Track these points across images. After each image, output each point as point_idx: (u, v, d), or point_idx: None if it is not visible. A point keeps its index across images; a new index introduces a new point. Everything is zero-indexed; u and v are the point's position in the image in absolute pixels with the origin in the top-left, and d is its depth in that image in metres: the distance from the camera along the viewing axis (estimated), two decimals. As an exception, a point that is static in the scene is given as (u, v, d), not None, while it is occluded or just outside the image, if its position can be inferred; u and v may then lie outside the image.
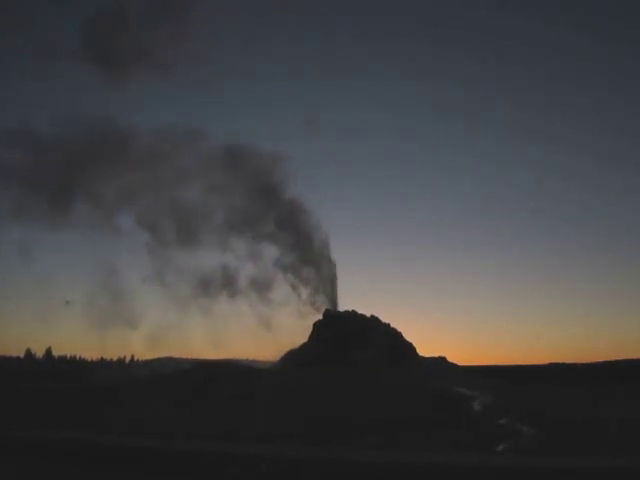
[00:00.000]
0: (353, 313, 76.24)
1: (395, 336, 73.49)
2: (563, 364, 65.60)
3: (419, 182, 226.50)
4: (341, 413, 25.09)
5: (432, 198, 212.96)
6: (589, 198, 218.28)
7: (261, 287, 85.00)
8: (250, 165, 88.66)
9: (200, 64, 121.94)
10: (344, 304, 79.73)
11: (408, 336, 75.27)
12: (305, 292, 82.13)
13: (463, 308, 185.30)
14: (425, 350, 77.03)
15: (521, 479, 10.99)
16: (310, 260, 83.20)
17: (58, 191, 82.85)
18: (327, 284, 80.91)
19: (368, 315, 75.77)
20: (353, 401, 29.68)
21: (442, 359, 73.18)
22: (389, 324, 75.22)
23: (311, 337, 74.48)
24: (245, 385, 38.22)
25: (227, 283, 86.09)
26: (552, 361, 69.35)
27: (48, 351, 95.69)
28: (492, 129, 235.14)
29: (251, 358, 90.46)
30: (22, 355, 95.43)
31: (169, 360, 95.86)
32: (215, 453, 13.17)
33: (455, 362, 73.90)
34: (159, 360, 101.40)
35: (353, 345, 66.55)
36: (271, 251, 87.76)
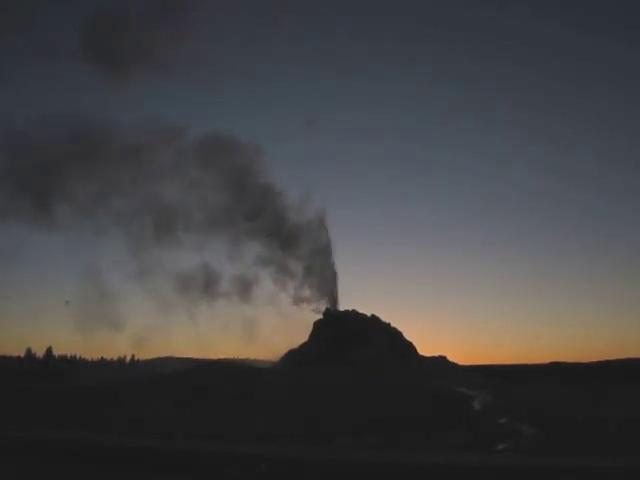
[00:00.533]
0: (353, 312, 76.35)
1: (395, 335, 73.62)
2: (563, 364, 65.54)
3: (419, 182, 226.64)
4: (341, 413, 25.09)
5: (432, 198, 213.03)
6: (589, 198, 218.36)
7: (257, 286, 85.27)
8: (230, 159, 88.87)
9: (200, 64, 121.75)
10: (344, 304, 79.86)
11: (408, 335, 75.46)
12: (295, 286, 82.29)
13: (463, 308, 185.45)
14: (425, 349, 77.25)
15: (521, 479, 10.99)
16: (304, 256, 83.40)
17: (49, 192, 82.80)
18: (325, 281, 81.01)
19: (368, 314, 75.91)
20: (353, 401, 29.70)
21: (442, 358, 73.30)
22: (389, 323, 75.39)
23: (311, 336, 74.58)
24: (245, 385, 38.23)
25: (224, 283, 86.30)
26: (552, 361, 69.30)
27: (48, 350, 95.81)
28: (492, 129, 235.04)
29: (251, 358, 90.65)
30: (22, 355, 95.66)
31: (169, 360, 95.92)
32: (215, 453, 13.16)
33: (455, 361, 74.09)
34: (159, 360, 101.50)
35: (353, 344, 66.64)
36: (267, 249, 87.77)
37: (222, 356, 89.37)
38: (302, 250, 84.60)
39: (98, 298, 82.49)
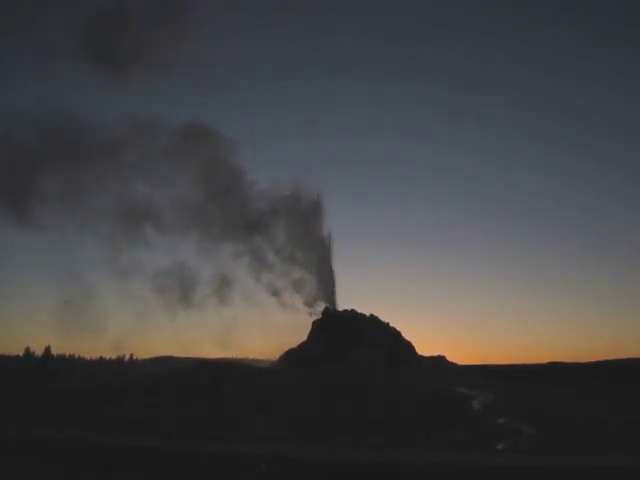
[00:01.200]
0: (352, 312, 76.31)
1: (394, 335, 73.57)
2: (563, 363, 65.51)
3: (419, 182, 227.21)
4: (341, 413, 25.09)
5: (432, 198, 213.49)
6: (589, 198, 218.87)
7: (256, 285, 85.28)
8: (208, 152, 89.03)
9: (200, 64, 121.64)
10: (343, 303, 79.88)
11: (407, 335, 75.42)
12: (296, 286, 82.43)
13: (462, 308, 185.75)
14: (424, 349, 77.18)
15: (521, 479, 11.00)
16: (303, 256, 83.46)
17: (39, 191, 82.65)
18: (323, 280, 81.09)
19: (367, 314, 75.87)
20: (353, 401, 29.68)
21: (441, 358, 73.29)
22: (388, 323, 75.34)
23: (310, 336, 74.54)
24: (245, 385, 38.22)
25: (222, 281, 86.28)
26: (552, 360, 69.24)
27: (47, 350, 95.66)
28: (492, 129, 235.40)
29: (250, 357, 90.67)
30: (21, 354, 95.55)
31: (168, 360, 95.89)
32: (215, 453, 13.17)
33: (454, 361, 74.07)
34: (158, 360, 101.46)
35: (352, 344, 66.59)
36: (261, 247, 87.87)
37: (221, 355, 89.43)
38: (301, 250, 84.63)
39: (94, 298, 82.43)
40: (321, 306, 79.30)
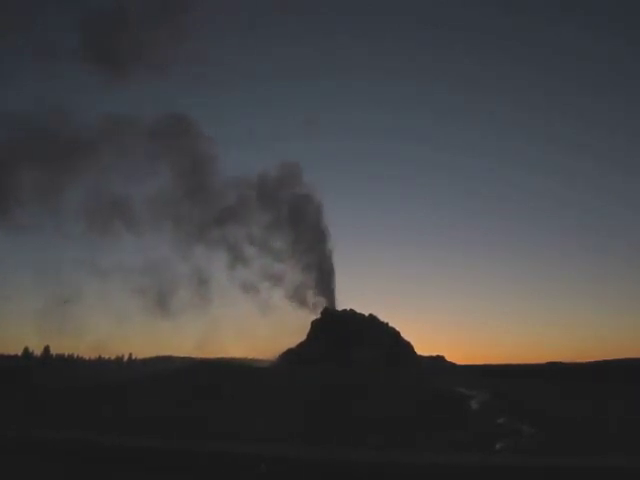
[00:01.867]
0: (352, 312, 76.40)
1: (393, 335, 73.67)
2: (562, 363, 65.59)
3: (419, 182, 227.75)
4: (341, 413, 25.08)
5: (432, 198, 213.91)
6: (589, 198, 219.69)
7: (255, 284, 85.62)
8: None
9: (200, 64, 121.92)
10: (343, 303, 79.94)
11: (406, 335, 75.54)
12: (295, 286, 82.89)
13: (461, 307, 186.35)
14: (423, 349, 77.41)
15: (521, 479, 11.01)
16: (303, 256, 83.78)
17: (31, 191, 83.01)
18: (323, 280, 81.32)
19: (367, 314, 75.97)
20: (353, 401, 29.69)
21: (440, 358, 73.45)
22: (387, 323, 75.47)
23: (309, 336, 74.60)
24: (245, 385, 38.21)
25: (224, 280, 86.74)
26: (551, 360, 69.38)
27: (46, 349, 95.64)
28: (492, 129, 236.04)
29: (249, 357, 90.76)
30: (19, 353, 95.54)
31: (168, 359, 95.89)
32: (215, 453, 13.15)
33: (453, 361, 74.26)
34: (158, 359, 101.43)
35: (352, 344, 66.66)
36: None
37: (221, 355, 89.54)
38: (302, 250, 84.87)
39: (92, 297, 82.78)
40: (316, 300, 79.69)
